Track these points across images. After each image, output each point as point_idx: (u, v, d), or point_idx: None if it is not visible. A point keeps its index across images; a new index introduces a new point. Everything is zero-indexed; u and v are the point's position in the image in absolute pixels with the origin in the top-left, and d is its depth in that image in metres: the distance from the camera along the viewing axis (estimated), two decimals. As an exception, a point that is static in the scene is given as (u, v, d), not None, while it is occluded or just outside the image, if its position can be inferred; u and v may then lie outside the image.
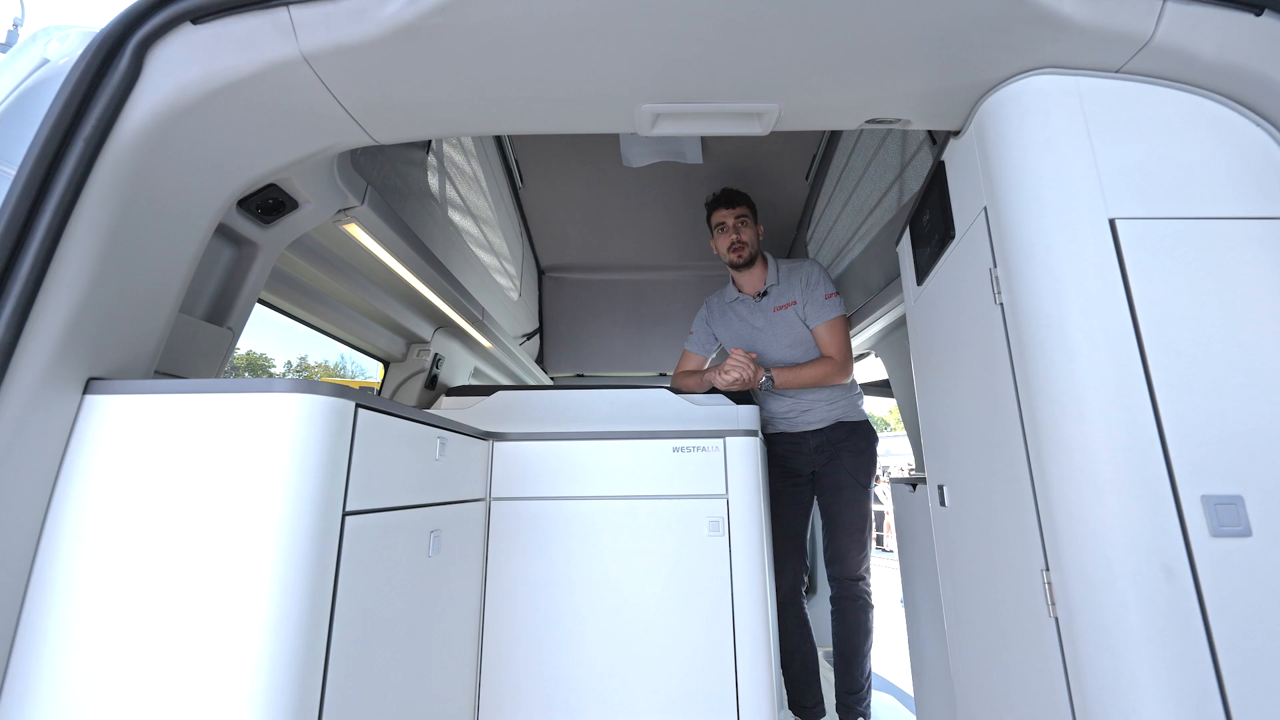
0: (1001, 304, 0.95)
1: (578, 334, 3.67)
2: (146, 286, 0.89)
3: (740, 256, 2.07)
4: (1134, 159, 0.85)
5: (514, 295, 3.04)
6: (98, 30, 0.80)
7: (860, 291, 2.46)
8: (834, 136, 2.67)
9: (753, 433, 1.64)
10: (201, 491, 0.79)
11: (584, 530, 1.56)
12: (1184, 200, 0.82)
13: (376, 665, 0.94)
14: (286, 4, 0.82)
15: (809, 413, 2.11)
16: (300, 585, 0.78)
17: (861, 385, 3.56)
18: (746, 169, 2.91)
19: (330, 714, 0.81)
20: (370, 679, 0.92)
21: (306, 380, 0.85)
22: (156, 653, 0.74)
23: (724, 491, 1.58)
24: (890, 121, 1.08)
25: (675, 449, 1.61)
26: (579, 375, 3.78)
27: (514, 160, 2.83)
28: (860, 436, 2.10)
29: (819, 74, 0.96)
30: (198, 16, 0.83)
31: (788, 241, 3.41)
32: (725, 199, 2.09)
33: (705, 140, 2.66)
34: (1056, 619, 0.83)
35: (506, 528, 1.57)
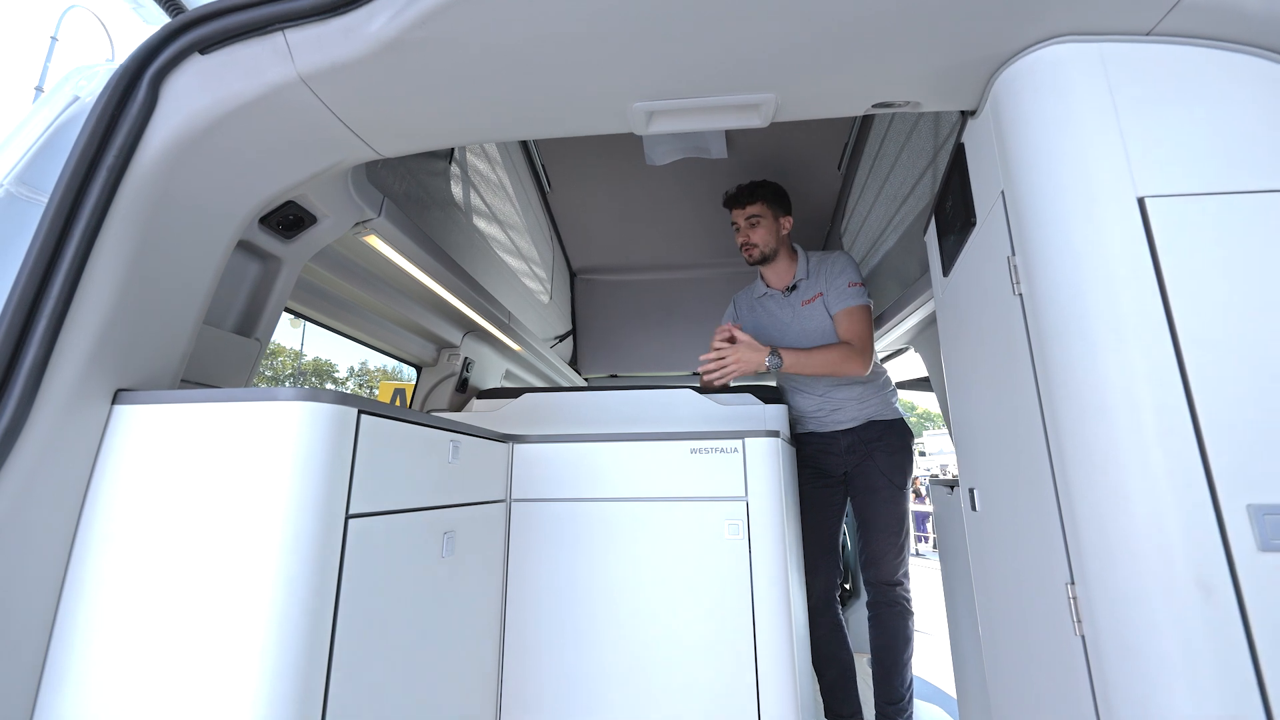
0: (1020, 294, 0.88)
1: (611, 335, 3.69)
2: (170, 302, 0.96)
3: (750, 256, 2.01)
4: (1167, 130, 0.76)
5: (544, 298, 3.08)
6: (118, 66, 0.87)
7: (895, 283, 2.36)
8: (865, 123, 2.57)
9: (773, 433, 1.59)
10: (215, 495, 0.84)
11: (603, 531, 1.56)
12: (1225, 173, 0.73)
13: (385, 661, 0.97)
14: (281, 28, 0.85)
15: (839, 411, 2.04)
16: (303, 584, 0.81)
17: (902, 382, 3.42)
18: (775, 161, 2.83)
19: (336, 707, 0.84)
20: (378, 674, 0.95)
21: (310, 389, 0.89)
22: (169, 650, 0.79)
23: (743, 494, 1.54)
24: (899, 105, 1.02)
25: (693, 450, 1.58)
26: (613, 376, 3.79)
27: (540, 165, 2.86)
28: (894, 435, 2.01)
29: (815, 58, 0.92)
30: (205, 47, 0.88)
31: (822, 234, 3.31)
32: (735, 198, 2.01)
33: (730, 133, 2.61)
34: (1083, 637, 0.76)
35: (527, 529, 1.59)
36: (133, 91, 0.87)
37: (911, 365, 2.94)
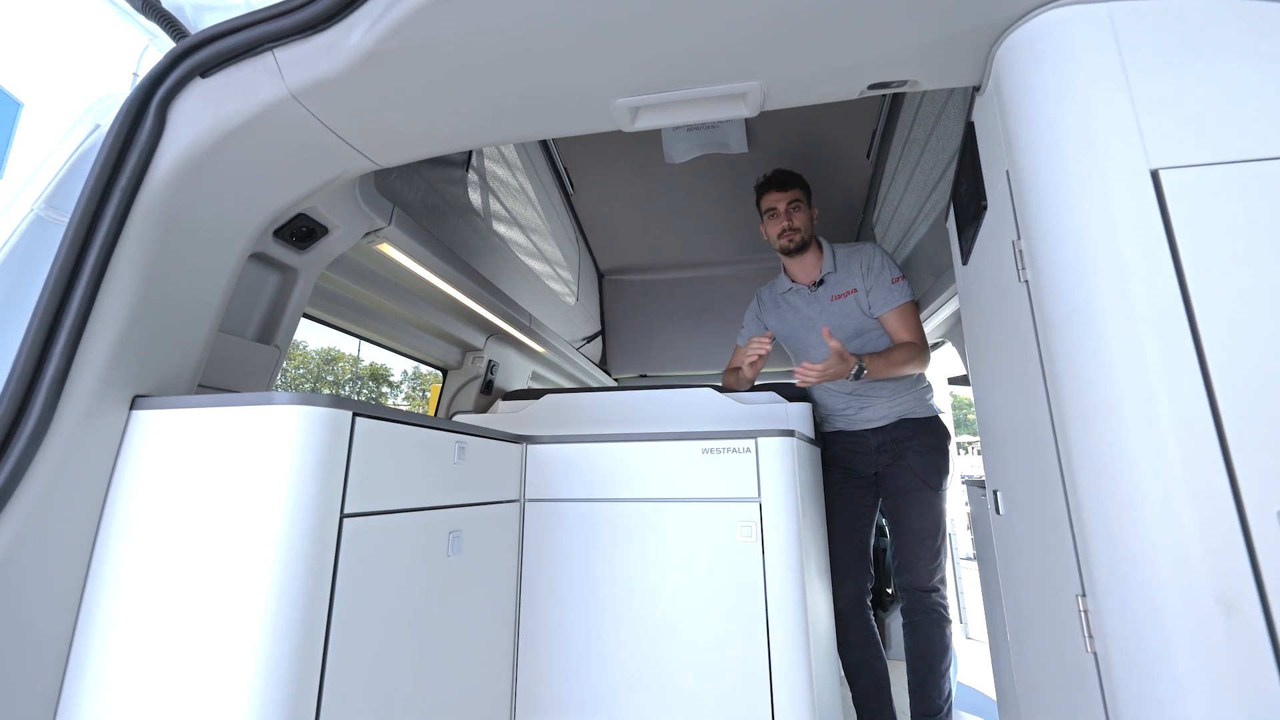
0: (1026, 281, 0.81)
1: (639, 335, 3.69)
2: (184, 313, 1.02)
3: (792, 242, 1.93)
4: (1184, 93, 0.69)
5: (570, 300, 3.11)
6: (128, 93, 0.93)
7: (928, 273, 2.25)
8: (894, 107, 2.45)
9: (788, 433, 1.54)
10: (220, 495, 0.88)
11: (615, 532, 1.56)
12: (1249, 139, 0.65)
13: (385, 652, 1.00)
14: (270, 48, 0.89)
15: (868, 409, 1.95)
16: (297, 579, 0.84)
17: (954, 378, 3.23)
18: (800, 152, 2.75)
19: (332, 696, 0.86)
20: (377, 665, 0.98)
21: (306, 393, 0.92)
22: (177, 647, 0.83)
23: (756, 495, 1.50)
24: (895, 85, 0.97)
25: (705, 450, 1.55)
26: (642, 376, 3.78)
27: (563, 168, 2.89)
28: (929, 434, 1.91)
29: (799, 41, 0.88)
30: (205, 71, 0.93)
31: (853, 227, 3.19)
32: (776, 181, 1.94)
33: (751, 126, 2.56)
34: (1095, 654, 0.69)
35: (541, 528, 1.60)
36: (142, 117, 0.92)
37: (950, 362, 2.80)
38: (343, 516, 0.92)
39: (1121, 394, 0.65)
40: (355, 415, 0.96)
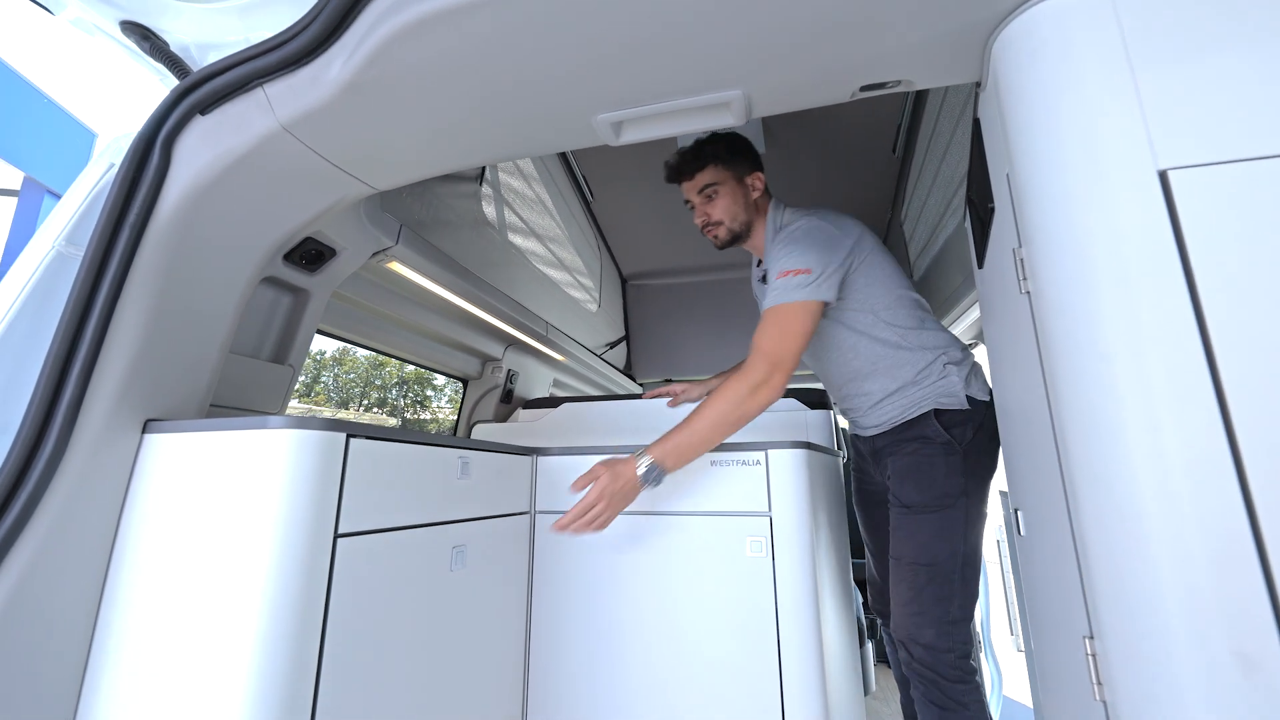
0: (1028, 292, 0.75)
1: (664, 339, 3.66)
2: (193, 340, 1.06)
3: (717, 238, 1.51)
4: (1197, 85, 0.62)
5: (592, 307, 3.12)
6: (135, 134, 0.98)
7: (957, 271, 2.15)
8: (919, 100, 2.35)
9: (801, 445, 1.48)
10: (222, 517, 0.92)
11: (623, 544, 1.54)
12: (1275, 133, 0.58)
13: (384, 668, 1.02)
14: (260, 84, 0.92)
15: (863, 417, 1.69)
16: (289, 600, 0.86)
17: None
18: (821, 150, 2.67)
19: (326, 709, 0.88)
20: (375, 681, 1.00)
21: (300, 416, 0.95)
22: (184, 664, 0.87)
23: (767, 509, 1.45)
24: (889, 85, 0.92)
25: (712, 463, 1.52)
26: (667, 381, 3.76)
27: (581, 176, 2.90)
28: (910, 438, 1.43)
29: (780, 45, 0.84)
30: (204, 108, 0.97)
31: (882, 224, 3.07)
32: (677, 170, 1.50)
33: (769, 125, 2.50)
34: (1104, 702, 0.63)
35: (551, 540, 1.60)
36: (149, 156, 0.97)
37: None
38: (336, 536, 0.94)
39: (1127, 420, 0.59)
40: (349, 436, 0.98)
